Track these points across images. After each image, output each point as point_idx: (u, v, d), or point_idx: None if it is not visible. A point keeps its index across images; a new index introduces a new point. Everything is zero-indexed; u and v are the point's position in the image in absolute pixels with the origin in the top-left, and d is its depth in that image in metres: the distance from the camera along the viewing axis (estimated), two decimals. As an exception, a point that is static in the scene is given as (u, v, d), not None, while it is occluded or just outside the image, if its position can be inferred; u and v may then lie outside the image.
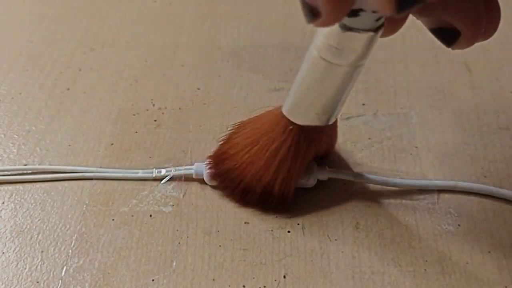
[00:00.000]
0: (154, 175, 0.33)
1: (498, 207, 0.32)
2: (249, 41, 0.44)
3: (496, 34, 0.25)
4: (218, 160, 0.32)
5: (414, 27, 0.24)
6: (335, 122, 0.31)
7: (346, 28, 0.24)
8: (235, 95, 0.39)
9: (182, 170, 0.33)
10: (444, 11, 0.23)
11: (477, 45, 0.24)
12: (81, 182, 0.33)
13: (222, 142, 0.32)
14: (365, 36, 0.24)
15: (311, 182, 0.32)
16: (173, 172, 0.33)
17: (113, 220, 0.31)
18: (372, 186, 0.33)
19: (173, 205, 0.32)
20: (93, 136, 0.36)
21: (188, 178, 0.33)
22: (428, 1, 0.20)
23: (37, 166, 0.34)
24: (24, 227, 0.31)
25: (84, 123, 0.37)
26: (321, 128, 0.30)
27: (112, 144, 0.36)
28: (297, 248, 0.30)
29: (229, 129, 0.33)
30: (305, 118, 0.29)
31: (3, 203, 0.32)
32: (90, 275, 0.29)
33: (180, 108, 0.38)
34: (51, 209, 0.32)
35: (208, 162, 0.32)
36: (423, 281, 0.28)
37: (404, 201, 0.32)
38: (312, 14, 0.20)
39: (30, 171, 0.34)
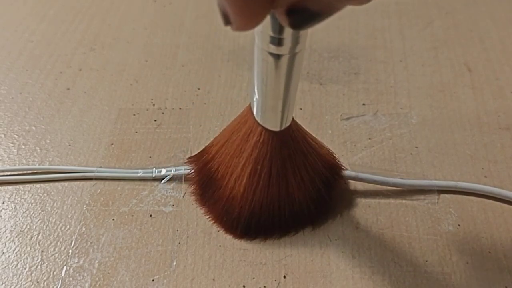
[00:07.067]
0: (154, 175, 0.33)
1: (498, 207, 0.32)
2: (249, 41, 0.44)
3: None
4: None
5: (414, 27, 0.24)
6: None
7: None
8: (235, 95, 0.39)
9: (182, 170, 0.33)
10: None
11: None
12: (81, 182, 0.33)
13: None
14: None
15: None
16: (173, 172, 0.33)
17: (113, 220, 0.31)
18: (372, 186, 0.33)
19: (173, 205, 0.32)
20: (93, 136, 0.36)
21: (188, 178, 0.33)
22: None
23: (37, 166, 0.34)
24: (24, 227, 0.31)
25: (84, 123, 0.37)
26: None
27: (112, 144, 0.36)
28: (297, 248, 0.30)
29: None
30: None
31: (3, 203, 0.32)
32: (90, 275, 0.29)
33: (180, 108, 0.38)
34: (51, 209, 0.32)
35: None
36: (423, 281, 0.28)
37: (404, 201, 0.32)
38: (225, 20, 0.20)
39: (30, 171, 0.34)
